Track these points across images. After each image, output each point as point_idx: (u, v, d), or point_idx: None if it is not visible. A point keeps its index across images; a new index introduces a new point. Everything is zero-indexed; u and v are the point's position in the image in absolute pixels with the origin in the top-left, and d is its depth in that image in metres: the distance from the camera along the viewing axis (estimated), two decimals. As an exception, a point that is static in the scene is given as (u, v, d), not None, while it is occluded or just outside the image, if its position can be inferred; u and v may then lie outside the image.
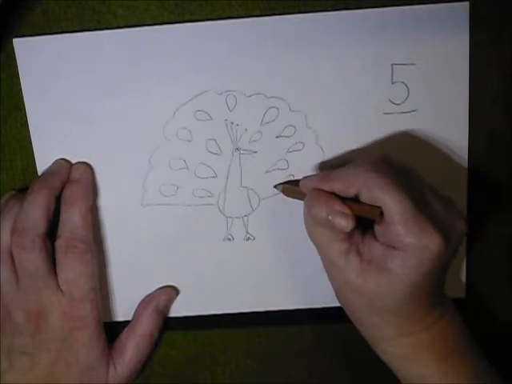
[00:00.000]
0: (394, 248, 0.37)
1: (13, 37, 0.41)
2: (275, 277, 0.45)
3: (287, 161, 0.44)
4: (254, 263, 0.45)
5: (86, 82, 0.42)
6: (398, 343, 0.39)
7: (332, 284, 0.41)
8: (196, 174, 0.44)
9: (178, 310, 0.46)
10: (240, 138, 0.43)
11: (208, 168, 0.43)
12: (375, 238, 0.38)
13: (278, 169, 0.44)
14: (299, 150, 0.43)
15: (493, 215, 0.45)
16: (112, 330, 0.44)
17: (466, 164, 0.44)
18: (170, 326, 0.46)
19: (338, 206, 0.38)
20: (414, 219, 0.36)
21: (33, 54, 0.42)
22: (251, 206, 0.44)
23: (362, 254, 0.38)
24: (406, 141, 0.43)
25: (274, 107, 0.43)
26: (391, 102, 0.43)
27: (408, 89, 0.42)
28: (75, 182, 0.43)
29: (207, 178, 0.44)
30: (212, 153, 0.43)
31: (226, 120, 0.43)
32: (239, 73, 0.42)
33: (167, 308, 0.45)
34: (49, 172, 0.43)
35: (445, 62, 0.42)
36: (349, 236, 0.39)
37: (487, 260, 0.46)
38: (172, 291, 0.45)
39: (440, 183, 0.44)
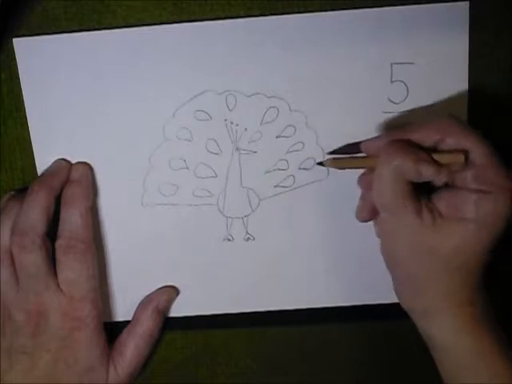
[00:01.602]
0: (482, 192, 0.36)
1: (13, 37, 0.41)
2: (275, 277, 0.45)
3: (287, 161, 0.44)
4: (253, 263, 0.45)
5: (85, 81, 0.42)
6: (458, 313, 0.38)
7: (396, 251, 0.39)
8: (196, 174, 0.44)
9: (178, 309, 0.45)
10: (240, 138, 0.43)
11: (208, 168, 0.44)
12: (451, 189, 0.38)
13: (278, 169, 0.44)
14: (299, 150, 0.43)
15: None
16: (112, 330, 0.44)
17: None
18: (169, 325, 0.46)
19: (425, 155, 0.37)
20: (500, 163, 0.36)
21: (33, 54, 0.42)
22: (251, 206, 0.44)
23: (433, 211, 0.38)
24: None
25: (273, 107, 0.43)
26: (390, 101, 0.43)
27: (407, 88, 0.42)
28: (75, 182, 0.43)
29: (207, 177, 0.44)
30: (212, 153, 0.43)
31: (225, 120, 0.43)
32: (239, 73, 0.42)
33: (167, 308, 0.45)
34: (48, 172, 0.43)
35: (444, 61, 0.42)
36: (418, 195, 0.38)
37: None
38: (172, 291, 0.45)
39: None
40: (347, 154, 0.42)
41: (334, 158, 0.42)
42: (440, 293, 0.38)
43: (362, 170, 0.42)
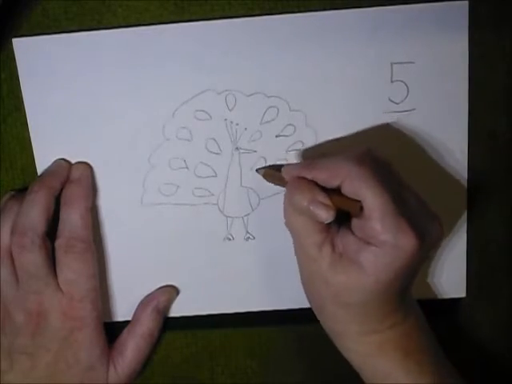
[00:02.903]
0: (368, 243, 0.37)
1: (13, 37, 0.41)
2: (275, 276, 0.45)
3: (287, 160, 0.44)
4: (253, 263, 0.45)
5: (85, 81, 0.42)
6: (363, 340, 0.39)
7: (301, 273, 0.41)
8: (196, 174, 0.44)
9: (177, 309, 0.45)
10: (240, 138, 0.43)
11: (208, 167, 0.44)
12: (351, 231, 0.38)
13: (278, 168, 0.44)
14: (299, 150, 0.43)
15: (492, 214, 0.45)
16: (112, 330, 0.44)
17: (465, 163, 0.44)
18: (169, 325, 0.46)
19: (320, 197, 0.37)
20: (392, 217, 0.36)
21: (32, 54, 0.42)
22: (251, 206, 0.44)
23: (335, 246, 0.38)
24: (406, 140, 0.43)
25: (273, 106, 0.43)
26: (391, 100, 0.43)
27: (407, 87, 0.42)
28: (75, 181, 0.43)
29: (207, 177, 0.44)
30: (212, 152, 0.43)
31: (225, 119, 0.43)
32: (239, 72, 0.42)
33: (167, 308, 0.45)
34: (48, 172, 0.43)
35: (444, 60, 0.42)
36: (326, 227, 0.38)
37: (487, 259, 0.46)
38: (172, 291, 0.45)
39: (439, 182, 0.44)
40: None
41: (266, 169, 0.43)
42: (339, 321, 0.39)
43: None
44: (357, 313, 0.38)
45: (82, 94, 0.42)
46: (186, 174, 0.44)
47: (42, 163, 0.43)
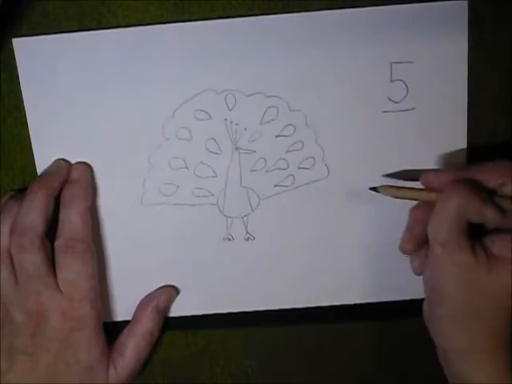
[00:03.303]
0: None
1: (13, 37, 0.41)
2: (275, 276, 0.45)
3: (287, 160, 0.44)
4: (253, 263, 0.45)
5: (85, 81, 0.42)
6: (496, 356, 0.38)
7: (445, 288, 0.38)
8: (196, 174, 0.44)
9: (177, 309, 0.45)
10: (239, 138, 0.43)
11: (208, 167, 0.44)
12: (504, 231, 0.38)
13: (278, 168, 0.44)
14: (299, 150, 0.43)
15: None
16: (112, 330, 0.44)
17: (465, 162, 0.44)
18: (170, 325, 0.46)
19: (489, 197, 0.37)
20: None
21: (32, 54, 0.42)
22: (251, 206, 0.44)
23: (487, 250, 0.38)
24: (405, 139, 0.43)
25: (273, 106, 0.43)
26: (390, 100, 0.43)
27: (407, 87, 0.42)
28: (74, 182, 0.43)
29: (207, 177, 0.44)
30: (212, 152, 0.43)
31: (225, 119, 0.43)
32: (238, 72, 0.42)
33: (167, 308, 0.45)
34: (48, 172, 0.43)
35: (443, 60, 0.42)
36: (473, 233, 0.38)
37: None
38: (172, 291, 0.45)
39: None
40: (403, 180, 0.42)
41: (389, 186, 0.41)
42: (483, 332, 0.38)
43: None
44: (506, 320, 0.38)
45: (81, 93, 0.42)
46: (185, 173, 0.44)
47: (41, 163, 0.43)
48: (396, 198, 0.41)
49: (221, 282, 0.45)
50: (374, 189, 0.41)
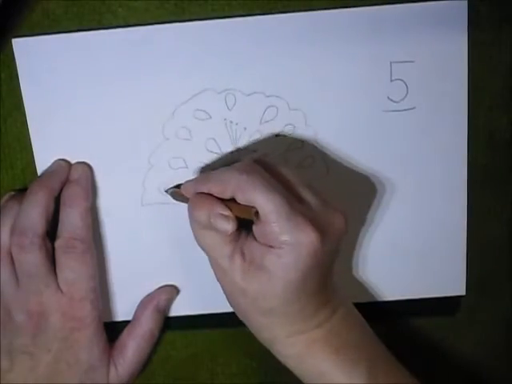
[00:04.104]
0: (270, 247, 0.37)
1: (13, 37, 0.41)
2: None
3: (287, 160, 0.44)
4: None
5: (85, 81, 0.42)
6: (291, 343, 0.39)
7: (221, 287, 0.41)
8: (196, 174, 0.44)
9: (178, 309, 0.45)
10: (239, 137, 0.43)
11: (208, 167, 0.43)
12: (255, 238, 0.38)
13: (278, 168, 0.44)
14: (298, 149, 0.43)
15: (492, 213, 0.45)
16: (112, 330, 0.44)
17: (465, 162, 0.44)
18: (170, 325, 0.46)
19: (219, 209, 0.38)
20: (288, 217, 0.36)
21: (32, 54, 0.42)
22: (251, 206, 0.44)
23: (245, 255, 0.38)
24: (405, 138, 0.43)
25: (273, 106, 0.43)
26: (390, 99, 0.43)
27: (407, 86, 0.43)
28: (74, 182, 0.43)
29: (207, 177, 0.44)
30: (211, 152, 0.43)
31: (225, 119, 0.43)
32: (238, 72, 0.42)
33: (167, 307, 0.45)
34: (48, 172, 0.43)
35: (443, 59, 0.42)
36: (234, 238, 0.39)
37: (487, 258, 0.46)
38: (172, 290, 0.45)
39: (439, 182, 0.44)
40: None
41: (174, 189, 0.43)
42: (264, 328, 0.40)
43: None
44: (278, 317, 0.39)
45: (81, 93, 0.42)
46: (185, 173, 0.44)
47: (41, 163, 0.43)
48: (176, 200, 0.43)
49: (221, 281, 0.45)
50: (166, 191, 0.44)
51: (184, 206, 0.40)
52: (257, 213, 0.37)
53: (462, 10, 0.41)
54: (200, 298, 0.45)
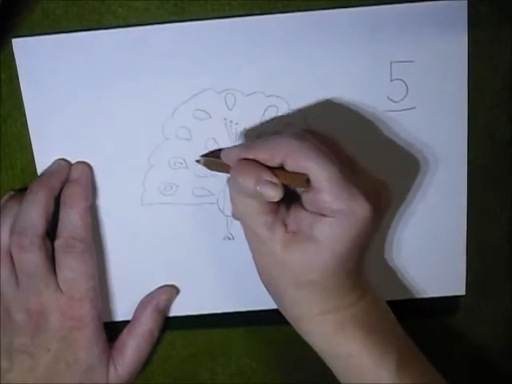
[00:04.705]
0: (322, 215, 0.36)
1: (13, 37, 0.41)
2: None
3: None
4: (253, 263, 0.45)
5: (85, 81, 0.42)
6: (324, 321, 0.38)
7: (255, 260, 0.40)
8: (195, 173, 0.44)
9: (178, 309, 0.45)
10: (239, 137, 0.43)
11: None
12: (302, 207, 0.38)
13: (278, 168, 0.44)
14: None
15: (492, 213, 0.45)
16: (112, 330, 0.44)
17: (465, 162, 0.44)
18: (170, 325, 0.46)
19: (266, 175, 0.37)
20: (342, 185, 0.36)
21: (32, 54, 0.42)
22: (251, 206, 0.44)
23: (287, 225, 0.38)
24: (405, 138, 0.43)
25: (273, 106, 0.43)
26: (390, 99, 0.43)
27: (407, 86, 0.43)
28: (74, 181, 0.43)
29: (207, 176, 0.44)
30: (212, 152, 0.43)
31: (225, 119, 0.43)
32: (238, 72, 0.42)
33: (167, 307, 0.45)
34: (48, 172, 0.43)
35: (443, 59, 0.42)
36: (275, 208, 0.38)
37: (487, 258, 0.46)
38: (172, 290, 0.45)
39: (439, 182, 0.44)
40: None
41: (207, 157, 0.42)
42: (298, 304, 0.39)
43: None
44: (317, 291, 0.38)
45: (81, 93, 0.42)
46: (185, 173, 0.44)
47: (41, 163, 0.43)
48: (211, 170, 0.42)
49: (221, 281, 0.45)
50: (198, 161, 0.43)
51: (184, 206, 0.40)
52: (308, 180, 0.36)
53: (462, 10, 0.42)
54: (200, 298, 0.45)
